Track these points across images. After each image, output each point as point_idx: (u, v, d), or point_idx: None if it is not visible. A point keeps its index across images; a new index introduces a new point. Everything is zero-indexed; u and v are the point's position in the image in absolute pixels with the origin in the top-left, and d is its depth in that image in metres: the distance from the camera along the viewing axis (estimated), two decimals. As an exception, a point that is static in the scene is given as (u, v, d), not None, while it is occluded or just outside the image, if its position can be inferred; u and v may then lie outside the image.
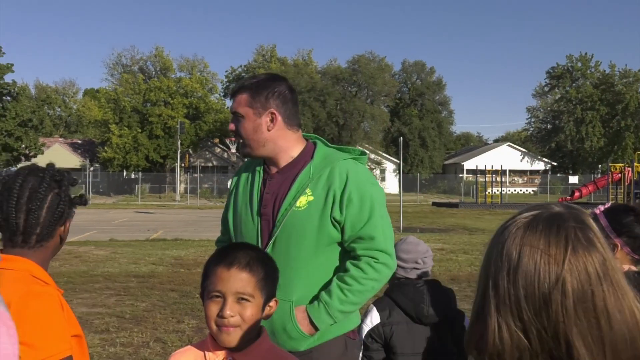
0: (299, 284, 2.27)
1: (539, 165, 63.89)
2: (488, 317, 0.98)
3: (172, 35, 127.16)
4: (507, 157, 60.67)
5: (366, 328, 2.78)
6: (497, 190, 40.41)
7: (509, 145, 65.65)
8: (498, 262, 1.00)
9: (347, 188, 2.27)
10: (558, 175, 61.04)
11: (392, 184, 55.74)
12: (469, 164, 60.62)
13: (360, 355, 2.71)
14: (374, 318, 2.80)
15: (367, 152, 2.52)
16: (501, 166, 43.11)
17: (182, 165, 49.36)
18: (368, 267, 2.25)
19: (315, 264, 2.28)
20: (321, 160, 2.34)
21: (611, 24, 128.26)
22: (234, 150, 42.74)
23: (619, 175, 32.74)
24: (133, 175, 51.89)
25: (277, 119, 2.35)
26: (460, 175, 60.46)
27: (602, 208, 2.33)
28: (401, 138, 24.09)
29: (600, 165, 59.73)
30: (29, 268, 1.67)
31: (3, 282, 1.60)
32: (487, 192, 38.37)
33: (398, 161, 40.98)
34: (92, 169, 51.11)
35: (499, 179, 41.00)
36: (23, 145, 41.79)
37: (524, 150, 65.30)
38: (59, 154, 54.17)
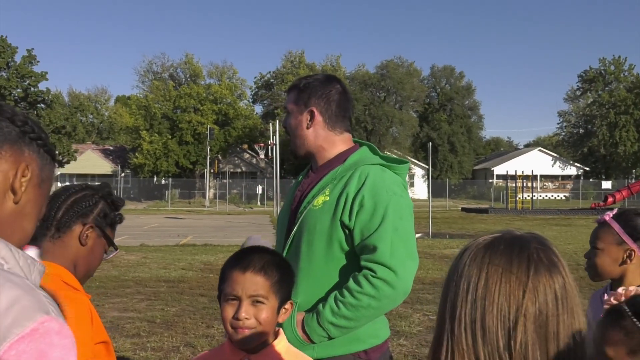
0: (304, 285, 2.20)
1: (571, 171, 62.91)
2: (442, 342, 0.96)
3: (202, 42, 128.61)
4: (538, 162, 59.86)
5: None
6: (528, 196, 39.89)
7: (540, 150, 64.79)
8: (458, 284, 0.97)
9: (360, 192, 2.17)
10: (591, 180, 60.01)
11: (421, 189, 55.46)
12: (499, 169, 59.97)
13: None
14: None
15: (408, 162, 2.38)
16: (532, 171, 42.57)
17: (212, 171, 49.77)
18: (364, 281, 2.09)
19: (325, 270, 2.20)
20: (351, 164, 2.29)
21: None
22: (262, 156, 42.92)
23: (654, 180, 32.05)
24: (163, 181, 52.47)
25: (317, 118, 2.35)
26: (490, 180, 59.82)
27: (611, 214, 2.26)
28: (430, 143, 23.96)
29: (634, 170, 58.56)
30: (59, 273, 1.70)
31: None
32: (517, 198, 37.90)
33: (427, 166, 40.73)
34: (123, 175, 51.86)
35: (529, 184, 40.48)
36: (56, 152, 42.46)
37: (555, 155, 64.38)
38: (91, 160, 55.08)
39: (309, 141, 2.37)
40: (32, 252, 1.70)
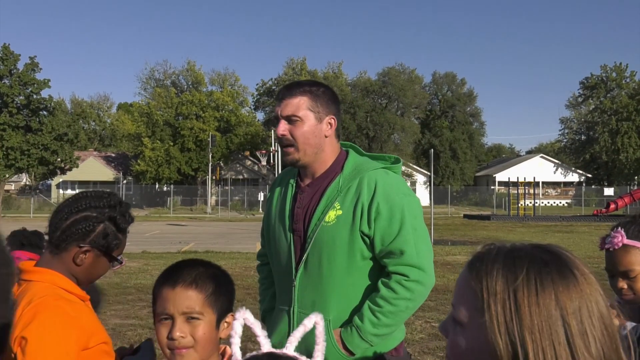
0: (333, 302, 2.18)
1: (573, 177, 62.86)
2: None
3: (204, 49, 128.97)
4: (540, 169, 59.85)
5: None
6: (530, 203, 39.84)
7: (541, 157, 64.78)
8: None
9: (374, 200, 2.16)
10: (593, 187, 59.92)
11: (422, 196, 55.39)
12: (501, 176, 59.94)
13: None
14: None
15: (401, 159, 2.39)
16: (534, 178, 42.56)
17: (213, 178, 49.78)
18: (399, 287, 2.12)
19: (349, 281, 2.19)
20: (350, 171, 2.26)
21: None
22: (264, 163, 42.96)
23: (656, 187, 31.99)
24: (165, 188, 52.50)
25: (334, 125, 2.30)
26: (492, 187, 59.78)
27: (622, 236, 2.17)
28: (432, 150, 23.94)
29: (636, 177, 58.47)
30: (53, 279, 1.73)
31: (28, 292, 1.69)
32: (519, 205, 37.85)
33: (429, 173, 40.73)
34: (125, 182, 51.89)
35: (531, 191, 40.46)
36: (59, 159, 42.60)
37: (557, 161, 64.36)
38: (93, 167, 55.13)
39: (320, 150, 2.28)
40: None
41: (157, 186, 53.84)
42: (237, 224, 32.97)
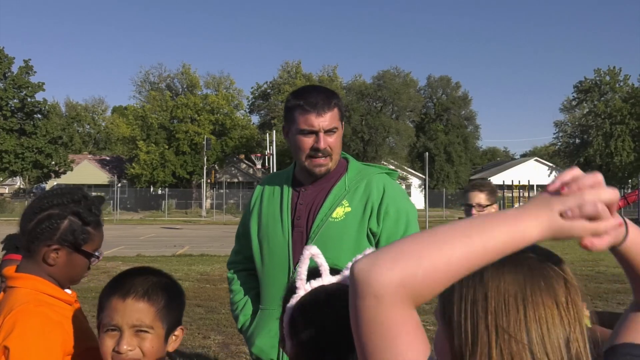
0: None
1: (568, 180, 63.02)
2: None
3: (199, 52, 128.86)
4: (535, 172, 60.00)
5: None
6: (525, 206, 39.87)
7: (536, 160, 64.96)
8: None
9: (384, 200, 2.24)
10: (587, 190, 60.00)
11: (417, 199, 55.46)
12: (495, 179, 60.00)
13: None
14: None
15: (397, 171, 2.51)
16: (528, 181, 42.69)
17: (208, 181, 49.70)
18: None
19: None
20: (356, 173, 2.32)
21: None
22: (259, 166, 42.94)
23: (650, 190, 32.11)
24: (160, 191, 52.36)
25: (342, 129, 2.38)
26: (487, 190, 59.81)
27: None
28: (427, 153, 24.01)
29: (630, 180, 58.67)
30: (35, 285, 1.70)
31: (10, 298, 1.68)
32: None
33: (424, 176, 40.78)
34: (119, 185, 51.73)
35: (526, 194, 40.56)
36: (53, 162, 42.50)
37: (551, 165, 64.52)
38: (87, 171, 54.98)
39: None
40: None
41: (151, 189, 53.69)
42: (232, 227, 32.89)
